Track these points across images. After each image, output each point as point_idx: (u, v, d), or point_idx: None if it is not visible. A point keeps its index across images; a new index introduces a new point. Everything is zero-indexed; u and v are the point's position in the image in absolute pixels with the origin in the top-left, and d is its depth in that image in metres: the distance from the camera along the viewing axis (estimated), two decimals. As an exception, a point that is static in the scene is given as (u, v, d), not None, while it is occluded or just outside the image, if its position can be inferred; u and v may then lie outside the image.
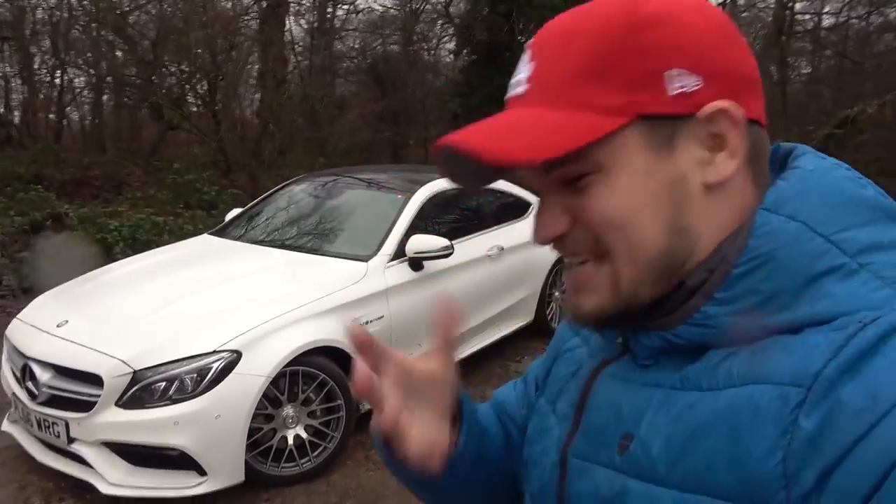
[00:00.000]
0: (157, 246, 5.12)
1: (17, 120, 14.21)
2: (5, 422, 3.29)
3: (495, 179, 0.61)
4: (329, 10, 19.43)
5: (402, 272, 3.74)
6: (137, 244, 6.52)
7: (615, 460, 0.56)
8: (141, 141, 15.05)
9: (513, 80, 0.58)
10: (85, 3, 13.51)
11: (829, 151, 0.57)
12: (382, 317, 3.52)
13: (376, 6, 21.11)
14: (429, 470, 0.61)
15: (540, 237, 0.57)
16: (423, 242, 3.77)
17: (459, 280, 4.08)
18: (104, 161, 12.11)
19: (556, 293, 5.30)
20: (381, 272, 3.63)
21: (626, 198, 0.53)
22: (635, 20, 0.52)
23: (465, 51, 12.44)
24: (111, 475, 2.77)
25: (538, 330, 5.11)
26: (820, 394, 0.44)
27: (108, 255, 6.25)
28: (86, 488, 2.88)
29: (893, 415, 0.41)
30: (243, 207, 4.79)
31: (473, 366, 4.50)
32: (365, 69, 20.14)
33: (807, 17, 16.79)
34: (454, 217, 4.51)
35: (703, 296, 0.53)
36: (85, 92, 15.87)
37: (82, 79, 15.29)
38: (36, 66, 14.91)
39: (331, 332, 3.20)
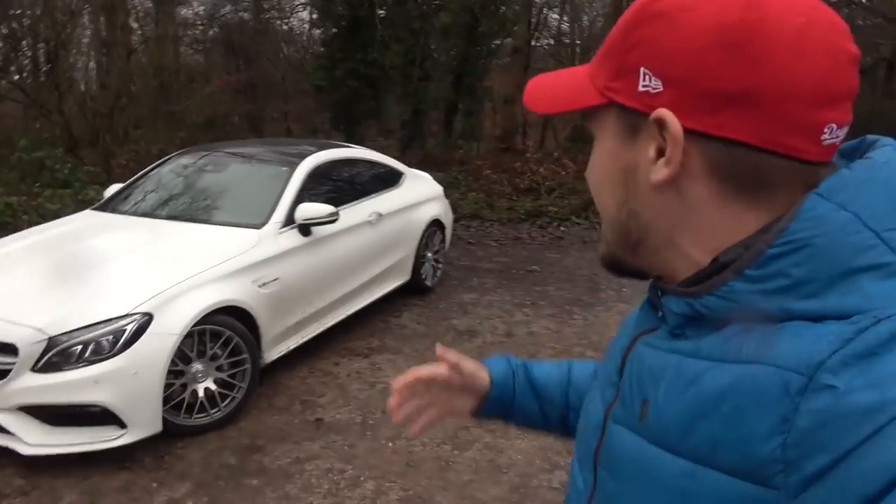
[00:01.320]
0: (17, 229, 5.00)
1: None
2: None
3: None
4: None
5: (293, 238, 4.09)
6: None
7: (636, 426, 0.59)
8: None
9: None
10: None
11: None
12: (277, 279, 3.87)
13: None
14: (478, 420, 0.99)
15: None
16: (310, 210, 4.13)
17: (345, 244, 4.50)
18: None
19: (429, 254, 5.86)
20: (274, 238, 3.96)
21: (597, 168, 0.62)
22: (644, 12, 0.55)
23: (326, 24, 12.49)
24: (30, 437, 2.95)
25: (415, 288, 5.67)
26: (821, 384, 0.44)
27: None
28: (7, 454, 3.01)
29: None
30: (121, 183, 4.83)
31: (359, 322, 4.96)
32: (214, 39, 19.34)
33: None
34: (336, 186, 4.87)
35: (733, 271, 0.53)
36: None
37: None
38: None
39: (233, 293, 3.51)
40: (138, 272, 3.35)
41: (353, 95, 12.48)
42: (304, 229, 4.16)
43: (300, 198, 4.27)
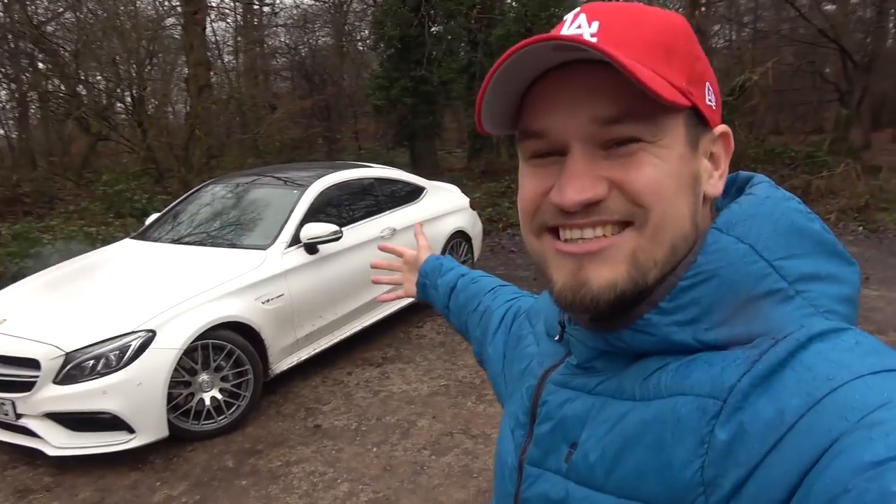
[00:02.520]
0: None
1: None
2: (-41, 412, 3.83)
3: (507, 127, 0.60)
4: (256, 5, 19.69)
5: (299, 256, 4.39)
6: (71, 255, 6.95)
7: (562, 467, 0.59)
8: (71, 154, 15.14)
9: (568, 33, 0.55)
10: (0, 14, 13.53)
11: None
12: (282, 294, 4.17)
13: (305, 1, 21.33)
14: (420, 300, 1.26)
15: (575, 200, 0.54)
16: (315, 229, 4.42)
17: (352, 260, 4.75)
18: (35, 177, 12.30)
19: (453, 265, 6.03)
20: (279, 257, 4.27)
21: (672, 173, 0.54)
22: (689, 27, 0.56)
23: (380, 45, 12.99)
24: (55, 440, 3.37)
25: (438, 298, 5.84)
26: (734, 406, 0.47)
27: (44, 267, 6.67)
28: (35, 455, 3.47)
29: (799, 426, 0.43)
30: (157, 213, 5.34)
31: (380, 332, 5.21)
32: (294, 66, 20.45)
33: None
34: (347, 205, 5.15)
35: (648, 304, 0.54)
36: (8, 108, 15.82)
37: (3, 94, 15.27)
38: (-46, 85, 14.83)
39: (235, 310, 3.84)
40: (148, 293, 3.74)
41: (411, 112, 12.87)
42: (310, 248, 4.45)
43: (309, 218, 4.58)
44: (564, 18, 0.57)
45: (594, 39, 0.53)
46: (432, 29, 12.64)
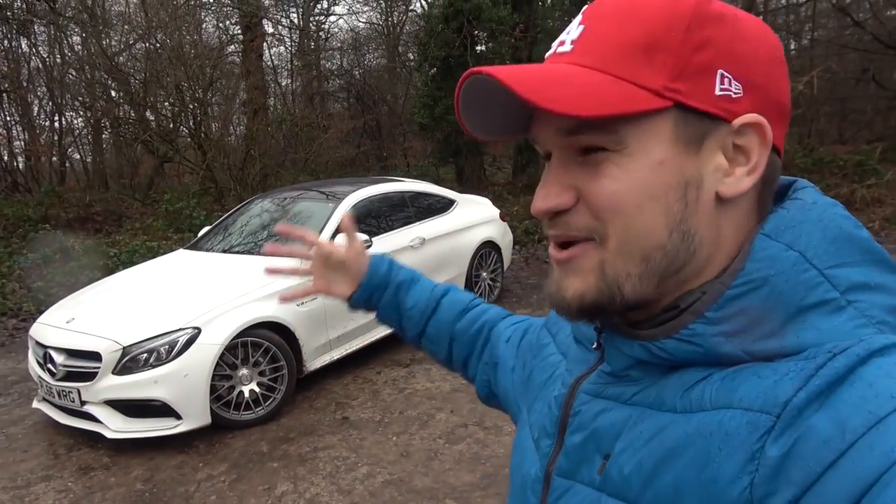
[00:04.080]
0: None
1: (21, 166, 15.34)
2: (35, 401, 4.34)
3: (509, 134, 0.60)
4: (313, 29, 20.65)
5: (332, 263, 4.76)
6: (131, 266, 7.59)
7: (595, 479, 0.57)
8: (139, 176, 16.20)
9: (558, 40, 0.57)
10: (77, 47, 14.68)
11: None
12: (316, 298, 4.54)
13: (359, 23, 22.09)
14: (351, 306, 1.07)
15: (539, 207, 0.55)
16: (346, 238, 4.79)
17: (382, 266, 5.09)
18: (105, 197, 13.28)
19: (483, 273, 6.32)
20: (313, 264, 4.65)
21: (637, 184, 0.52)
22: (702, 11, 0.52)
23: (424, 65, 13.46)
24: (113, 425, 3.81)
25: (468, 305, 6.13)
26: (788, 422, 0.45)
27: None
28: (96, 439, 3.92)
29: (860, 445, 0.41)
30: (209, 226, 5.85)
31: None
32: (348, 87, 21.26)
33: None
34: (382, 217, 5.52)
35: (692, 313, 0.53)
36: (84, 133, 17.04)
37: (80, 121, 16.46)
38: (35, 113, 16.13)
39: (271, 311, 4.23)
40: (196, 295, 4.18)
41: (455, 130, 13.26)
42: (343, 255, 4.81)
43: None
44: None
45: (570, 47, 0.55)
46: (476, 48, 13.04)
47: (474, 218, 6.32)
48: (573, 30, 0.56)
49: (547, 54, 0.58)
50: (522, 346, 0.88)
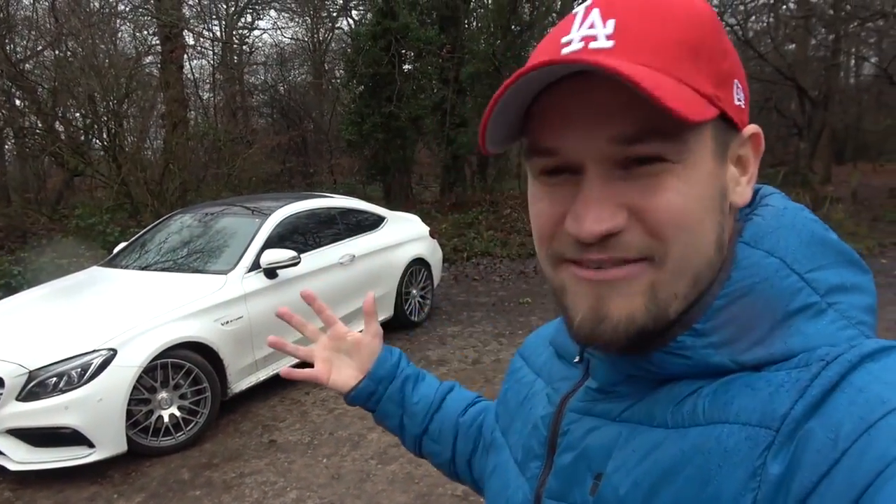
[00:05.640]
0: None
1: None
2: (-76, 433, 3.96)
3: (508, 143, 0.54)
4: (235, 44, 20.19)
5: (259, 281, 4.62)
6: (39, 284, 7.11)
7: (588, 500, 0.55)
8: (47, 190, 15.27)
9: (578, 35, 0.49)
10: (-23, 53, 13.75)
11: None
12: (241, 317, 4.39)
13: (284, 38, 21.81)
14: (349, 400, 0.95)
15: (595, 231, 0.49)
16: (273, 255, 4.67)
17: (311, 284, 4.98)
18: (7, 212, 12.42)
19: (413, 291, 6.29)
20: (239, 281, 4.50)
21: (698, 198, 0.49)
22: (716, 19, 0.51)
23: (352, 82, 13.41)
24: (16, 456, 3.52)
25: (399, 324, 6.09)
26: (787, 435, 0.44)
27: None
28: (-3, 471, 3.62)
29: (852, 451, 0.41)
30: (125, 242, 5.56)
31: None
32: (273, 102, 20.90)
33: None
34: (310, 233, 5.41)
35: (681, 325, 0.52)
36: (-16, 144, 15.93)
37: (-21, 131, 15.37)
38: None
39: (194, 330, 4.05)
40: (111, 314, 3.95)
41: (382, 147, 13.24)
42: (270, 273, 4.69)
43: (272, 244, 4.82)
44: (575, 12, 0.52)
45: (611, 43, 0.47)
46: (404, 67, 13.11)
47: (404, 235, 6.30)
48: (598, 24, 0.49)
49: (567, 50, 0.49)
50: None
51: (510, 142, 0.55)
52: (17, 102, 13.65)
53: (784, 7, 17.13)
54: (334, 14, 20.89)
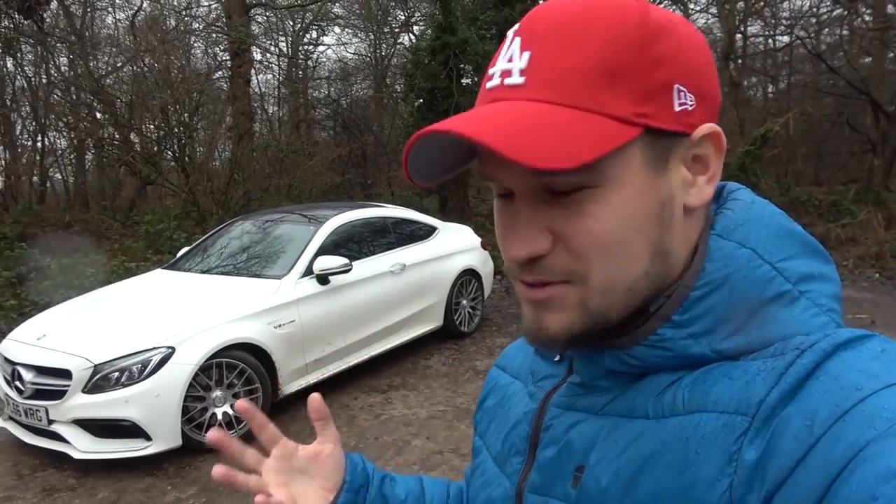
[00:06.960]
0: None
1: (0, 185, 15.16)
2: (0, 420, 4.24)
3: (448, 174, 0.56)
4: (301, 59, 20.88)
5: (311, 286, 4.75)
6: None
7: (570, 493, 0.56)
8: (121, 198, 16.09)
9: (498, 68, 0.52)
10: (64, 68, 14.67)
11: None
12: (294, 321, 4.52)
13: (348, 53, 22.36)
14: None
15: (518, 255, 0.52)
16: (326, 262, 4.79)
17: (362, 291, 5.09)
18: (85, 218, 13.16)
19: (464, 301, 6.32)
20: (293, 286, 4.63)
21: (622, 218, 0.50)
22: (648, 26, 0.50)
23: (411, 95, 13.63)
24: (81, 445, 3.72)
25: (448, 333, 6.13)
26: (763, 422, 0.45)
27: (86, 296, 7.22)
28: (63, 459, 3.82)
29: (827, 437, 0.42)
30: (188, 247, 5.82)
31: (389, 361, 5.49)
32: (335, 116, 21.44)
33: (759, 39, 17.99)
34: (363, 242, 5.53)
35: (659, 318, 0.53)
36: (66, 153, 16.94)
37: (63, 141, 16.38)
38: (17, 132, 16.03)
39: (248, 332, 4.19)
40: (171, 315, 4.13)
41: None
42: (322, 279, 4.81)
43: (325, 251, 4.96)
44: (506, 36, 0.53)
45: (522, 79, 0.50)
46: (462, 81, 13.25)
47: (455, 245, 6.35)
48: (516, 56, 0.51)
49: (489, 84, 0.53)
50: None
51: (451, 173, 0.56)
52: (98, 115, 14.49)
53: (859, 19, 16.49)
54: (396, 30, 21.31)
